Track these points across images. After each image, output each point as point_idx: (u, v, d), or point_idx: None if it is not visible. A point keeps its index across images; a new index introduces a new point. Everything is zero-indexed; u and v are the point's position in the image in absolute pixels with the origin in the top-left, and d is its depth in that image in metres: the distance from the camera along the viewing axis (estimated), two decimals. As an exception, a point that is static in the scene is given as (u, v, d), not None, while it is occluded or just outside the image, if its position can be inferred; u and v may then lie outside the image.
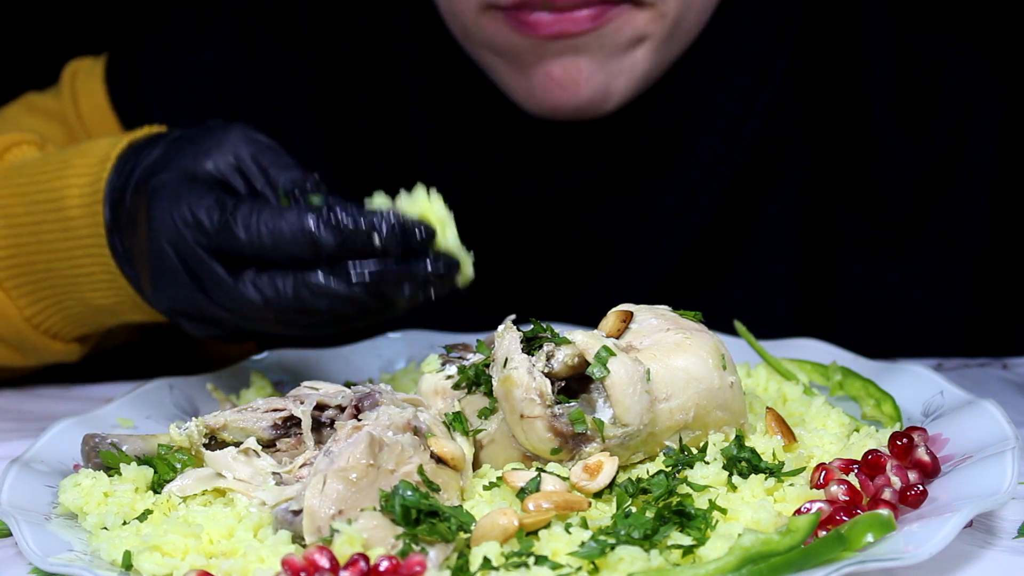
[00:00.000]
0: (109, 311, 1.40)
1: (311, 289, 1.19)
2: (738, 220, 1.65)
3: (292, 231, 1.19)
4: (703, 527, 1.03)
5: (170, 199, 1.24)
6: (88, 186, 1.35)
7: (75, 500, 1.15)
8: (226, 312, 1.24)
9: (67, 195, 1.36)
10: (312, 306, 1.20)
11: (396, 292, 1.19)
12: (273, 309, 1.21)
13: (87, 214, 1.34)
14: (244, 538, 1.06)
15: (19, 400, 1.54)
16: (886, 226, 1.65)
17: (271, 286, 1.20)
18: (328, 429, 1.17)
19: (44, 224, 1.38)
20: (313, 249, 1.18)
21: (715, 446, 1.13)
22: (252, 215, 1.20)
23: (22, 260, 1.40)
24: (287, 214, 1.19)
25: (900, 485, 1.09)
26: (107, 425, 1.32)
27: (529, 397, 1.12)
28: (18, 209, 1.40)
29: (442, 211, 1.21)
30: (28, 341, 1.45)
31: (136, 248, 1.29)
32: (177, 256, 1.23)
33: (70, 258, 1.37)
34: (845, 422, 1.23)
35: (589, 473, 1.10)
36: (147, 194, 1.26)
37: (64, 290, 1.40)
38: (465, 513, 1.05)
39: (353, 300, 1.19)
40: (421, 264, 1.19)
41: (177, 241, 1.23)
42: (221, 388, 1.41)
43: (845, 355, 1.39)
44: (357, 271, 1.18)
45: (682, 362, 1.13)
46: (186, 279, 1.24)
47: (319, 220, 1.18)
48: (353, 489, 1.05)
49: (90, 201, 1.34)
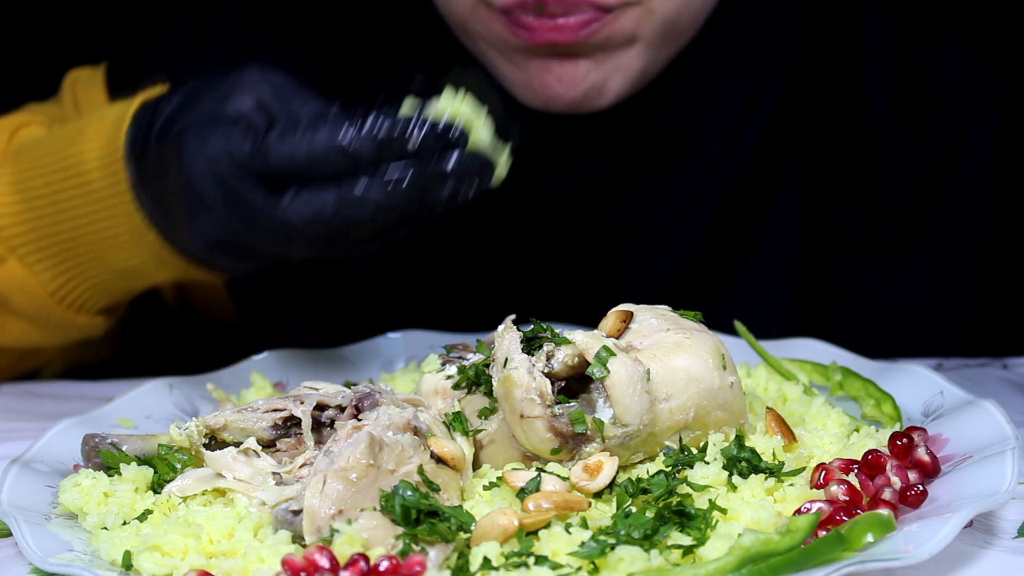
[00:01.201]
0: (135, 273, 1.41)
1: (352, 200, 1.19)
2: (741, 220, 1.66)
3: (328, 145, 1.19)
4: (703, 527, 1.03)
5: (200, 135, 1.25)
6: (105, 147, 1.36)
7: (75, 500, 1.15)
8: (267, 237, 1.24)
9: (84, 159, 1.37)
10: (354, 218, 1.20)
11: (435, 194, 1.20)
12: (316, 226, 1.21)
13: (107, 175, 1.35)
14: (244, 538, 1.06)
15: (19, 400, 1.54)
16: (886, 225, 1.65)
17: (312, 203, 1.20)
18: (328, 429, 1.17)
19: (63, 192, 1.38)
20: (350, 160, 1.19)
21: (715, 446, 1.13)
22: (286, 135, 1.21)
23: (43, 233, 1.40)
24: (320, 129, 1.20)
25: (900, 485, 1.09)
26: (107, 425, 1.32)
27: (529, 397, 1.12)
28: (35, 182, 1.40)
29: (473, 109, 1.21)
30: (53, 317, 1.45)
31: (167, 193, 1.29)
32: (215, 187, 1.24)
33: (93, 222, 1.38)
34: (845, 422, 1.23)
35: (589, 473, 1.10)
36: (174, 137, 1.27)
37: (88, 257, 1.40)
38: (465, 513, 1.05)
39: (394, 207, 1.19)
40: (457, 164, 1.19)
41: (213, 172, 1.23)
42: (221, 388, 1.41)
43: (845, 355, 1.39)
44: (396, 177, 1.19)
45: (682, 362, 1.13)
46: (225, 209, 1.24)
47: (353, 131, 1.19)
48: (353, 489, 1.05)
49: (109, 162, 1.35)
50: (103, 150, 1.36)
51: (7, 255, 1.42)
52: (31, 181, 1.40)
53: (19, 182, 1.41)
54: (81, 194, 1.37)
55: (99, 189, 1.36)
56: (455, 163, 1.19)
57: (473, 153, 1.20)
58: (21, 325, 1.48)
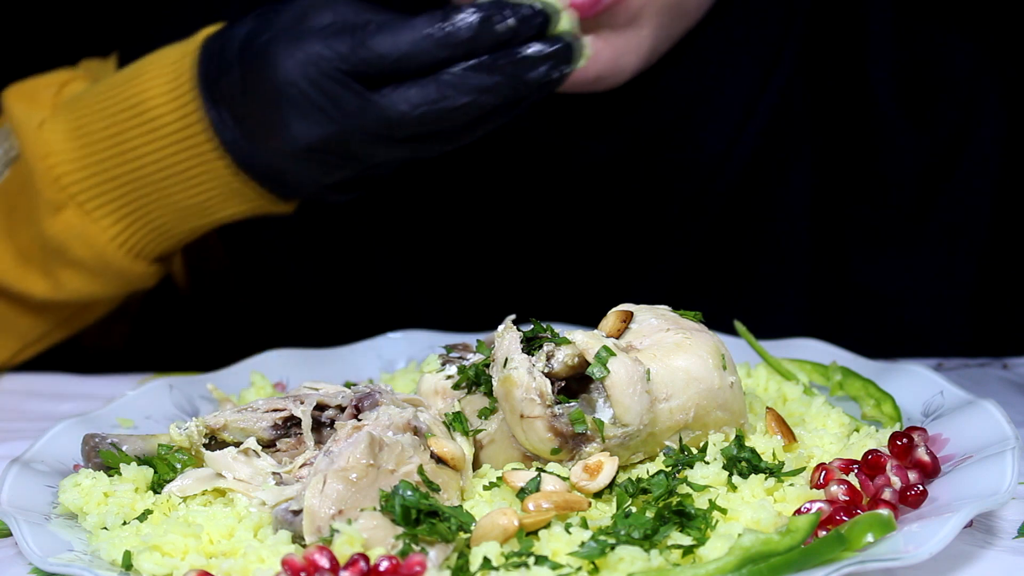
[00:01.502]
0: (199, 211, 1.42)
1: (454, 87, 1.25)
2: (749, 211, 1.65)
3: (424, 36, 1.24)
4: (703, 527, 1.03)
5: (292, 42, 1.28)
6: (171, 82, 1.38)
7: (75, 500, 1.15)
8: (365, 137, 1.29)
9: (148, 97, 1.39)
10: (456, 103, 1.26)
11: (528, 76, 1.26)
12: (417, 116, 1.26)
13: (174, 109, 1.37)
14: (244, 538, 1.06)
15: (19, 400, 1.54)
16: (891, 216, 1.65)
17: (415, 93, 1.26)
18: (328, 429, 1.17)
19: (127, 132, 1.40)
20: (449, 48, 1.24)
21: (715, 446, 1.13)
22: (383, 29, 1.25)
23: (104, 177, 1.41)
24: (416, 21, 1.25)
25: (900, 485, 1.09)
26: (107, 425, 1.32)
27: (529, 397, 1.12)
28: (96, 125, 1.41)
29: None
30: (112, 265, 1.46)
31: (254, 108, 1.32)
32: (313, 89, 1.27)
33: (159, 160, 1.39)
34: (845, 422, 1.23)
35: (589, 473, 1.10)
36: (261, 50, 1.30)
37: (151, 198, 1.41)
38: (465, 513, 1.05)
39: (494, 88, 1.26)
40: (547, 46, 1.26)
41: (311, 75, 1.27)
42: (221, 388, 1.41)
43: (845, 355, 1.39)
44: (493, 61, 1.25)
45: (682, 362, 1.13)
46: (323, 110, 1.28)
47: (450, 20, 1.24)
48: (353, 489, 1.05)
49: (176, 96, 1.37)
50: (168, 86, 1.38)
51: (66, 203, 1.43)
52: (91, 126, 1.41)
53: (77, 128, 1.42)
54: (147, 132, 1.39)
55: (166, 124, 1.38)
56: (545, 46, 1.26)
57: (559, 37, 1.27)
58: (78, 276, 1.48)
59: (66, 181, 1.42)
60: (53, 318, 1.58)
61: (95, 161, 1.41)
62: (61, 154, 1.42)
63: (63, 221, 1.44)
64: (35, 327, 1.58)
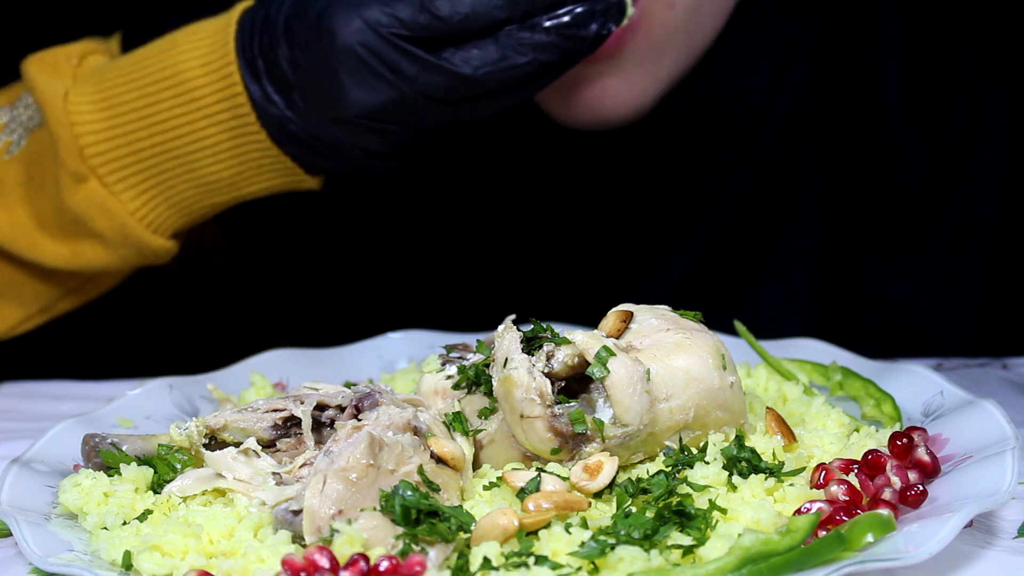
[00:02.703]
0: (224, 186, 1.42)
1: (514, 47, 1.29)
2: (760, 217, 1.65)
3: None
4: (703, 527, 1.03)
5: (350, 10, 1.29)
6: (209, 55, 1.38)
7: (75, 500, 1.15)
8: (426, 100, 1.30)
9: (184, 69, 1.38)
10: (517, 63, 1.29)
11: (584, 32, 1.30)
12: (483, 76, 1.28)
13: (212, 81, 1.37)
14: (244, 538, 1.06)
15: (19, 400, 1.54)
16: (899, 222, 1.66)
17: (476, 55, 1.28)
18: (328, 429, 1.17)
19: (159, 104, 1.39)
20: (509, 8, 1.27)
21: (715, 446, 1.13)
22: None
23: (130, 149, 1.41)
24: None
25: (900, 485, 1.09)
26: (107, 425, 1.32)
27: (529, 397, 1.12)
28: (124, 96, 1.41)
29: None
30: (130, 238, 1.45)
31: (309, 76, 1.32)
32: (374, 56, 1.29)
33: (191, 132, 1.39)
34: (845, 422, 1.23)
35: (589, 473, 1.10)
36: (315, 20, 1.31)
37: (176, 172, 1.41)
38: (465, 513, 1.05)
39: (551, 47, 1.29)
40: (599, 4, 1.31)
41: (371, 42, 1.28)
42: (221, 388, 1.41)
43: (845, 355, 1.39)
44: (551, 19, 1.29)
45: (682, 362, 1.13)
46: (382, 78, 1.29)
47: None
48: (353, 489, 1.05)
49: (215, 68, 1.37)
50: (206, 58, 1.38)
51: (88, 175, 1.42)
52: (119, 97, 1.41)
53: (105, 99, 1.41)
54: (181, 103, 1.38)
55: (203, 96, 1.38)
56: (596, 4, 1.30)
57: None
58: (96, 247, 1.48)
59: (90, 152, 1.41)
60: (60, 288, 1.57)
61: (122, 133, 1.41)
62: (87, 124, 1.41)
63: (85, 192, 1.43)
64: (41, 296, 1.57)
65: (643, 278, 1.67)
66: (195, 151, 1.40)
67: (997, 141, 1.64)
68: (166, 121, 1.39)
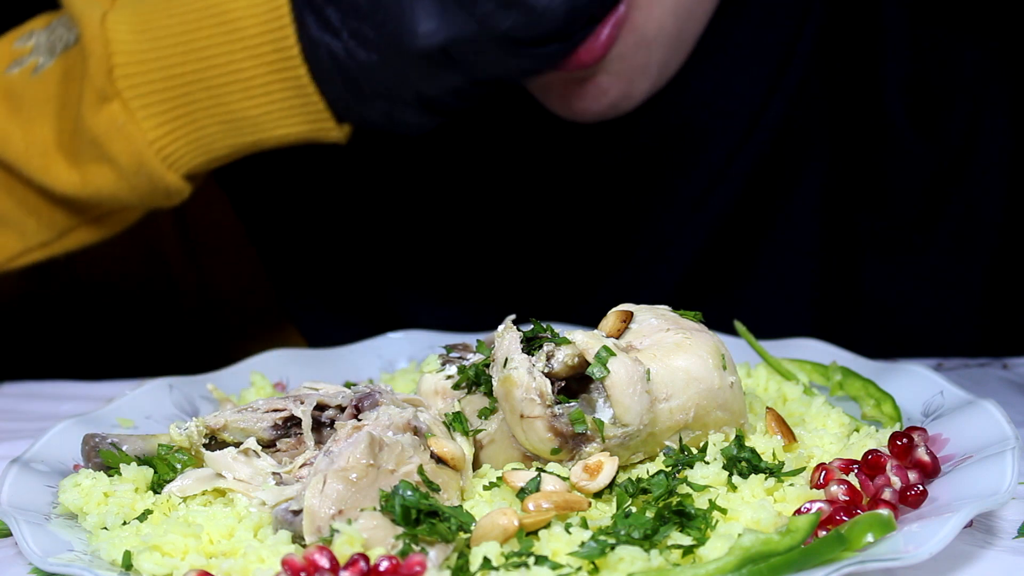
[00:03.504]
0: (251, 124, 1.40)
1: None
2: (757, 216, 1.66)
3: None
4: (703, 527, 1.03)
5: None
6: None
7: (75, 500, 1.15)
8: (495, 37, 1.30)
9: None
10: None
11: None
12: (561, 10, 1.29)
13: (259, 12, 1.35)
14: (244, 538, 1.06)
15: (19, 400, 1.54)
16: (900, 223, 1.66)
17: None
18: (328, 429, 1.17)
19: (200, 31, 1.37)
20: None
21: (715, 446, 1.13)
22: None
23: (160, 75, 1.39)
24: None
25: (900, 485, 1.09)
26: (107, 425, 1.32)
27: (529, 397, 1.12)
28: (164, 21, 1.39)
29: None
30: (144, 169, 1.42)
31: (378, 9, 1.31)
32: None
33: (228, 63, 1.37)
34: (845, 422, 1.23)
35: (589, 473, 1.10)
36: None
37: (204, 104, 1.39)
38: (465, 513, 1.05)
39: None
40: None
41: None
42: (221, 388, 1.41)
43: (845, 355, 1.39)
44: None
45: (682, 362, 1.13)
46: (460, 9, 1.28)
47: None
48: (353, 489, 1.05)
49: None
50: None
51: (113, 96, 1.40)
52: (159, 20, 1.39)
53: (142, 22, 1.39)
54: (222, 32, 1.36)
55: (247, 27, 1.36)
56: None
57: None
58: (108, 173, 1.43)
59: (118, 73, 1.39)
60: (65, 222, 1.52)
61: (155, 57, 1.38)
62: (121, 44, 1.39)
63: (107, 114, 1.40)
64: (43, 229, 1.52)
65: (643, 278, 1.67)
66: (228, 83, 1.38)
67: (998, 142, 1.64)
68: (203, 49, 1.37)
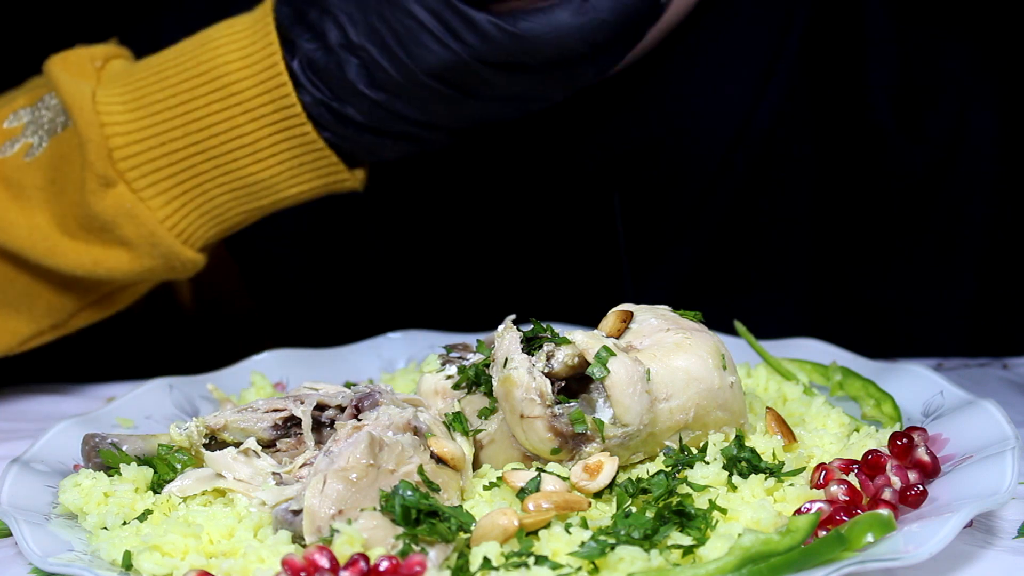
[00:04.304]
0: (262, 188, 1.38)
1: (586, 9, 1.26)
2: (750, 220, 1.66)
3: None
4: (703, 527, 1.03)
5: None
6: (248, 47, 1.34)
7: (75, 500, 1.15)
8: (491, 67, 1.28)
9: (222, 63, 1.34)
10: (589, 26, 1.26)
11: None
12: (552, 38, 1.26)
13: (254, 73, 1.34)
14: (244, 538, 1.06)
15: (19, 400, 1.54)
16: (890, 224, 1.66)
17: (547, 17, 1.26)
18: (328, 429, 1.17)
19: (196, 100, 1.35)
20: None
21: (715, 446, 1.13)
22: None
23: (160, 152, 1.36)
24: None
25: (900, 485, 1.09)
26: (107, 425, 1.32)
27: (529, 397, 1.12)
28: (159, 95, 1.36)
29: None
30: (159, 247, 1.40)
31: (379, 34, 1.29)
32: (433, 17, 1.27)
33: (228, 129, 1.35)
34: (845, 422, 1.23)
35: (589, 473, 1.10)
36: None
37: (211, 176, 1.37)
38: (465, 513, 1.05)
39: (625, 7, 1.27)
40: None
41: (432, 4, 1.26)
42: (221, 388, 1.41)
43: (845, 355, 1.39)
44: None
45: (682, 362, 1.13)
46: (440, 39, 1.27)
47: None
48: (353, 489, 1.05)
49: (258, 58, 1.33)
50: (245, 51, 1.34)
51: (116, 179, 1.37)
52: (152, 95, 1.36)
53: (136, 99, 1.37)
54: (219, 98, 1.34)
55: (243, 90, 1.34)
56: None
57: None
58: (121, 255, 1.41)
59: (119, 155, 1.37)
60: (76, 301, 1.49)
61: (154, 134, 1.36)
62: (117, 126, 1.37)
63: (113, 198, 1.37)
64: (54, 310, 1.49)
65: (634, 282, 1.67)
66: (232, 150, 1.36)
67: (985, 140, 1.64)
68: (202, 119, 1.35)
